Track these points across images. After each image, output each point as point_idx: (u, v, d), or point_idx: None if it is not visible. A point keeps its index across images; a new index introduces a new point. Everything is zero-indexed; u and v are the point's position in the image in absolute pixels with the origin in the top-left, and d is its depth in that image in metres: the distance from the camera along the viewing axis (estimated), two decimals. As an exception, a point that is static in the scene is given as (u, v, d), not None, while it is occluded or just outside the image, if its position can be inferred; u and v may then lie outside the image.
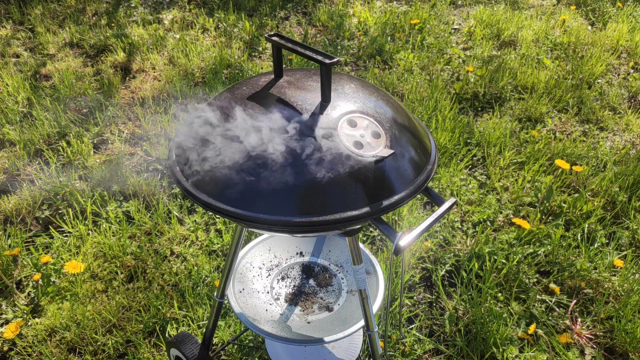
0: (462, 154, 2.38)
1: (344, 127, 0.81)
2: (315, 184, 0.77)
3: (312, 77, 0.93)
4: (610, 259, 1.82)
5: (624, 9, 4.06)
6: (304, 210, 0.76)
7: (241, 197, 0.78)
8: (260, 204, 0.77)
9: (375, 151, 0.80)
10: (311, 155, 0.78)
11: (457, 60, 3.29)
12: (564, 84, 2.96)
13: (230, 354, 1.53)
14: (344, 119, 0.82)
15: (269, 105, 0.86)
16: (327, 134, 0.79)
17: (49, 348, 1.54)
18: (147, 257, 1.83)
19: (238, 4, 4.14)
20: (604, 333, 1.61)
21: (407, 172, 0.83)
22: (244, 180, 0.78)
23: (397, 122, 0.87)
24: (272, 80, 0.92)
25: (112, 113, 2.69)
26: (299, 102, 0.85)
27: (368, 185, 0.78)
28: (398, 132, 0.85)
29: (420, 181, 0.84)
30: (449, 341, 1.58)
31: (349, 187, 0.77)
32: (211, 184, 0.81)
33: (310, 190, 0.77)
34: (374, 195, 0.78)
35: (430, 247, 1.87)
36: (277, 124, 0.81)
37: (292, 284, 1.33)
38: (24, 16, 3.89)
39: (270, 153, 0.78)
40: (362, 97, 0.88)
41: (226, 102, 0.89)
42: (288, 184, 0.76)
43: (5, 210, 2.05)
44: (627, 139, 2.58)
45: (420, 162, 0.86)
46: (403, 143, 0.85)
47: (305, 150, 0.78)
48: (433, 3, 4.17)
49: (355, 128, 0.82)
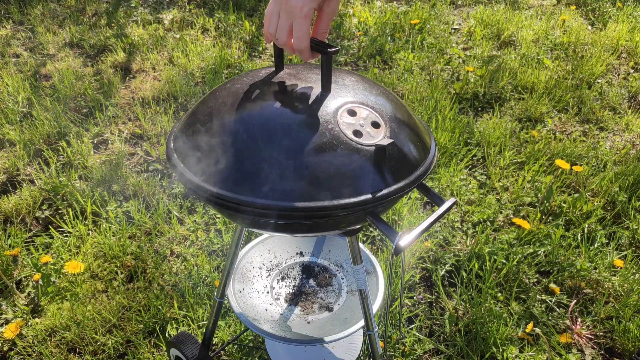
0: (462, 154, 2.38)
1: (344, 115, 0.81)
2: (311, 170, 0.76)
3: (313, 70, 0.93)
4: (610, 259, 1.82)
5: (624, 9, 4.06)
6: (298, 196, 0.75)
7: (232, 180, 0.77)
8: (253, 187, 0.75)
9: (374, 140, 0.80)
10: (308, 141, 0.77)
11: (457, 60, 3.29)
12: (564, 84, 2.96)
13: (230, 354, 1.53)
14: (343, 108, 0.82)
15: (268, 92, 0.86)
16: (325, 121, 0.79)
17: (49, 348, 1.54)
18: (147, 257, 1.83)
19: (238, 4, 4.14)
20: (604, 333, 1.61)
21: (406, 163, 0.83)
22: (237, 165, 0.77)
23: (397, 116, 0.87)
24: (273, 72, 0.92)
25: (112, 113, 2.69)
26: (298, 91, 0.85)
27: (365, 174, 0.77)
28: (398, 126, 0.85)
29: (419, 173, 0.83)
30: (449, 341, 1.58)
31: (345, 174, 0.76)
32: (202, 169, 0.80)
33: (305, 176, 0.76)
34: (371, 184, 0.77)
35: (430, 247, 1.87)
36: (275, 109, 0.81)
37: (292, 284, 1.33)
38: (24, 16, 3.89)
39: (266, 137, 0.77)
40: (362, 90, 0.88)
41: (226, 91, 0.89)
42: (282, 169, 0.75)
43: (5, 210, 2.05)
44: (627, 139, 2.58)
45: (419, 155, 0.86)
46: (403, 136, 0.85)
47: (302, 136, 0.77)
48: (433, 3, 4.17)
49: (354, 117, 0.82)
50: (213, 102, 0.88)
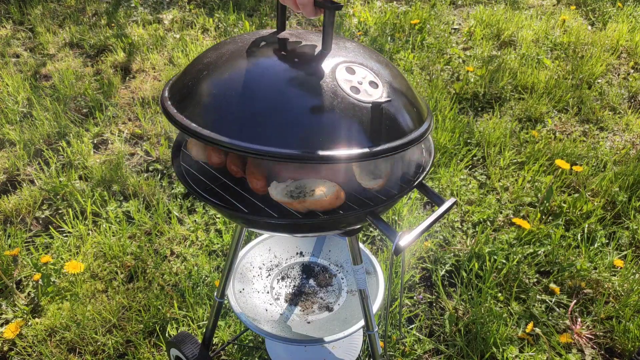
0: (462, 154, 2.38)
1: (342, 72, 0.81)
2: (305, 120, 0.75)
3: (314, 33, 0.93)
4: (610, 259, 1.82)
5: (624, 9, 4.06)
6: (292, 144, 0.74)
7: (228, 125, 0.76)
8: (248, 133, 0.75)
9: (371, 98, 0.79)
10: (303, 92, 0.77)
11: (457, 60, 3.29)
12: (564, 84, 2.96)
13: (230, 354, 1.53)
14: (343, 65, 0.82)
15: (267, 46, 0.85)
16: (322, 74, 0.78)
17: (49, 348, 1.54)
18: (147, 257, 1.83)
19: (238, 4, 4.14)
20: (604, 333, 1.61)
21: (401, 124, 0.82)
22: (233, 111, 0.77)
23: (395, 82, 0.87)
24: (274, 32, 0.92)
25: (112, 113, 2.69)
26: (297, 48, 0.85)
27: (359, 129, 0.77)
28: (395, 90, 0.85)
29: (414, 136, 0.82)
30: (449, 341, 1.58)
31: (339, 127, 0.76)
32: (199, 113, 0.79)
33: (299, 126, 0.75)
34: (364, 139, 0.77)
35: (430, 247, 1.87)
36: (272, 61, 0.81)
37: (292, 284, 1.33)
38: (24, 16, 3.89)
39: (264, 88, 0.77)
40: (362, 54, 0.88)
41: (225, 46, 0.89)
42: (278, 117, 0.75)
43: (5, 210, 2.05)
44: (627, 139, 2.58)
45: (414, 121, 0.85)
46: (400, 100, 0.84)
47: (297, 87, 0.77)
48: (433, 3, 4.17)
49: (353, 75, 0.81)
50: (212, 53, 0.88)
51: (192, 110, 0.80)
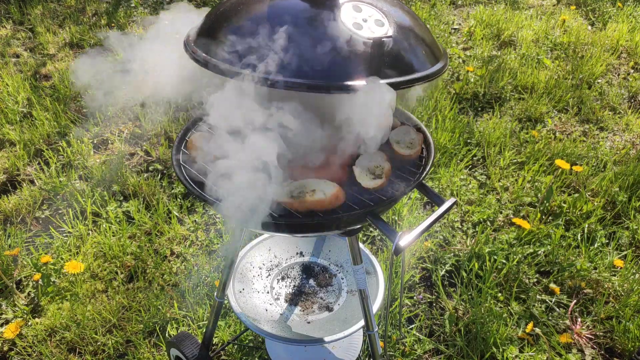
0: (462, 154, 2.38)
1: (348, 8, 0.80)
2: (302, 51, 0.75)
3: None
4: (610, 259, 1.82)
5: (624, 9, 4.06)
6: (291, 72, 0.74)
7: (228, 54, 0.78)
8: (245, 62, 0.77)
9: (373, 35, 0.77)
10: (305, 25, 0.77)
11: (457, 60, 3.29)
12: (564, 84, 2.96)
13: (230, 354, 1.53)
14: (350, 3, 0.81)
15: None
16: (326, 9, 0.78)
17: (49, 348, 1.54)
18: (147, 257, 1.83)
19: (238, 4, 4.13)
20: (604, 333, 1.61)
21: (405, 61, 0.80)
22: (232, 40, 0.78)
23: (404, 24, 0.84)
24: None
25: (112, 113, 2.69)
26: None
27: (356, 63, 0.76)
28: (403, 30, 0.82)
29: (416, 76, 0.81)
30: (449, 341, 1.58)
31: (336, 60, 0.75)
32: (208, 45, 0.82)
33: (296, 55, 0.75)
34: (362, 72, 0.76)
35: (430, 247, 1.87)
36: None
37: (292, 284, 1.33)
38: (24, 16, 3.88)
39: (262, 17, 0.78)
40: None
41: None
42: (275, 45, 0.76)
43: (5, 210, 2.05)
44: (627, 139, 2.58)
45: (420, 63, 0.83)
46: (407, 40, 0.82)
47: (300, 20, 0.77)
48: (433, 3, 4.17)
49: (359, 13, 0.80)
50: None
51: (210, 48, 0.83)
